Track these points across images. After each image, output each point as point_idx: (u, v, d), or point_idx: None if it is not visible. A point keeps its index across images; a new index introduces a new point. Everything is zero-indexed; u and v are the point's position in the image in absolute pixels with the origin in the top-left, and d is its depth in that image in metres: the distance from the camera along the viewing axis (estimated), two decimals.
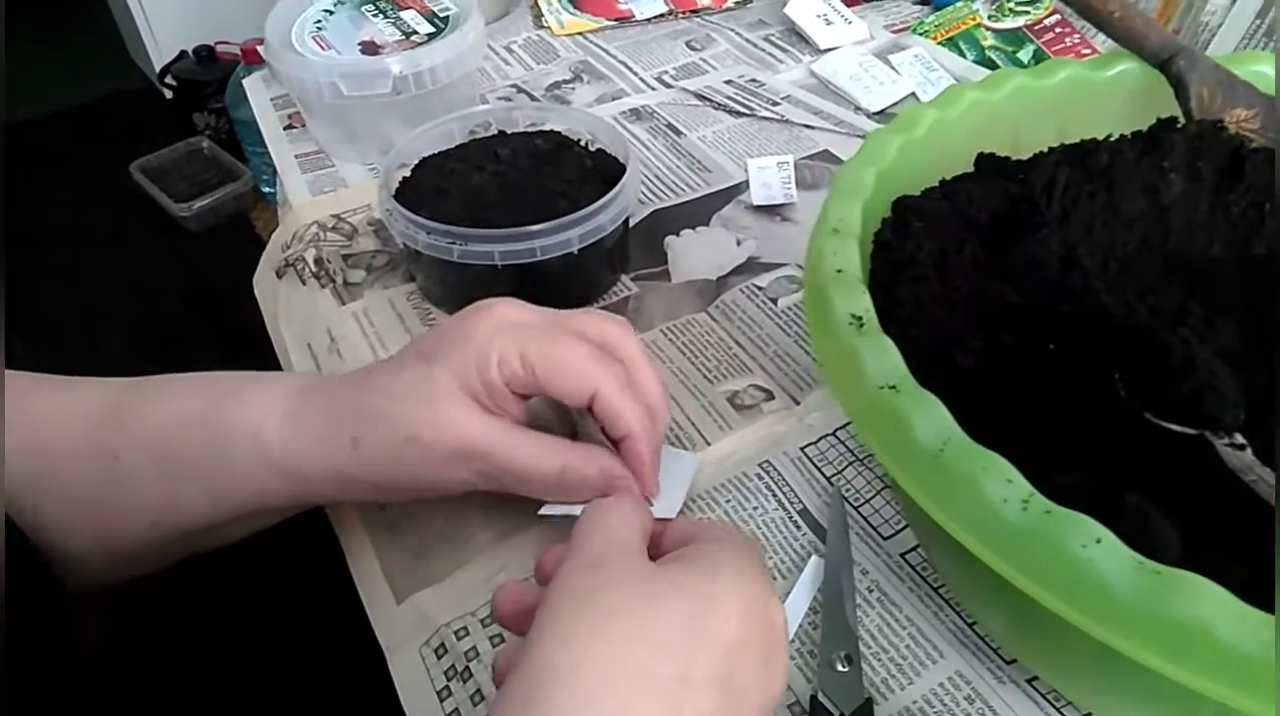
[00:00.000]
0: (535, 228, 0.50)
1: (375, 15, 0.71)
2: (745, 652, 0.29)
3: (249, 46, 1.89)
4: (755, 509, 0.44)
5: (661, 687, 0.27)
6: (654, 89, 0.80)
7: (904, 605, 0.40)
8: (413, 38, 0.69)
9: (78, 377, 0.42)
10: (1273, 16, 0.69)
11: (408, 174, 0.59)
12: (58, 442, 0.40)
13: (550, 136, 0.62)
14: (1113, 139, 0.43)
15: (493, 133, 0.62)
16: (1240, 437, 0.32)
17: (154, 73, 2.35)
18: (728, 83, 0.80)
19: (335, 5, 0.72)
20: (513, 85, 0.81)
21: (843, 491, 0.44)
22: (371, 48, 0.68)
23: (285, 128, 0.77)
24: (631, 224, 0.60)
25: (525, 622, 0.33)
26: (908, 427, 0.29)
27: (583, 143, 0.61)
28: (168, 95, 2.34)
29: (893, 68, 0.78)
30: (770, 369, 0.52)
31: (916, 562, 0.41)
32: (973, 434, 0.28)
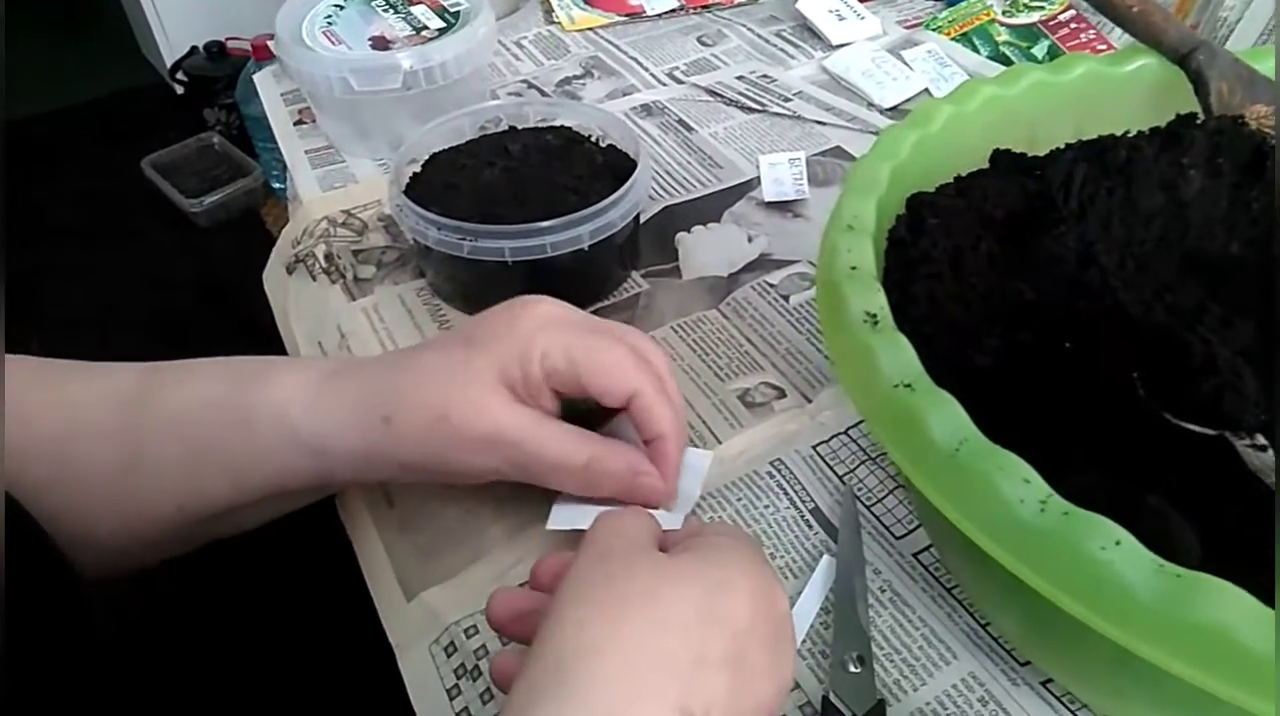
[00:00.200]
0: (546, 224, 0.50)
1: (386, 10, 0.71)
2: (755, 636, 0.30)
3: (260, 42, 1.89)
4: (766, 507, 0.44)
5: (681, 668, 0.28)
6: (665, 84, 0.80)
7: (917, 605, 0.39)
8: (423, 33, 0.69)
9: (102, 363, 0.43)
10: None
11: (418, 169, 0.59)
12: (86, 426, 0.40)
13: (561, 132, 0.61)
14: (1131, 135, 0.43)
15: (503, 128, 0.62)
16: (1261, 438, 0.31)
17: (165, 68, 2.35)
18: (739, 78, 0.80)
19: (346, 0, 0.72)
20: (523, 81, 0.81)
21: (855, 490, 0.44)
22: (382, 43, 0.68)
23: (296, 123, 0.77)
24: (642, 220, 0.60)
25: (520, 627, 0.34)
26: (923, 427, 0.29)
27: (593, 138, 0.61)
28: (178, 91, 2.34)
29: (906, 63, 0.77)
30: (782, 366, 0.51)
31: (929, 563, 0.41)
32: (988, 433, 0.28)
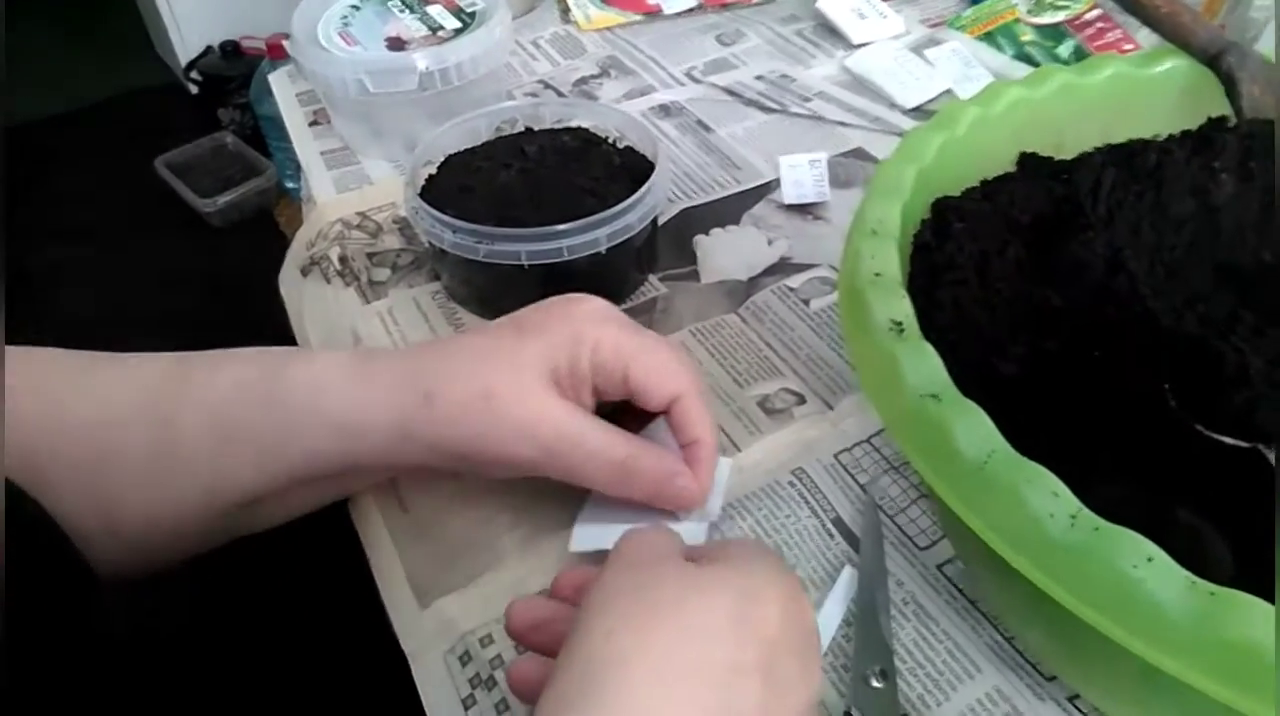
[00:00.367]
0: (562, 227, 0.49)
1: (401, 10, 0.71)
2: (784, 645, 0.30)
3: (274, 42, 1.90)
4: (788, 517, 0.43)
5: (716, 676, 0.28)
6: (683, 84, 0.79)
7: (940, 618, 0.39)
8: (439, 33, 0.68)
9: (134, 353, 0.43)
10: None
11: (433, 171, 0.58)
12: (119, 412, 0.40)
13: (578, 133, 0.61)
14: (1161, 138, 0.42)
15: (519, 129, 0.62)
16: None
17: (179, 68, 2.36)
18: (758, 78, 0.79)
19: (361, 0, 0.72)
20: (540, 81, 0.80)
21: (877, 500, 0.43)
22: (397, 43, 0.67)
23: (310, 124, 0.76)
24: (660, 223, 0.59)
25: (539, 636, 0.34)
26: (950, 438, 0.28)
27: (611, 140, 0.60)
28: (193, 90, 2.36)
29: (928, 63, 0.76)
30: (802, 372, 0.51)
31: (954, 575, 0.40)
32: (1014, 443, 0.27)
